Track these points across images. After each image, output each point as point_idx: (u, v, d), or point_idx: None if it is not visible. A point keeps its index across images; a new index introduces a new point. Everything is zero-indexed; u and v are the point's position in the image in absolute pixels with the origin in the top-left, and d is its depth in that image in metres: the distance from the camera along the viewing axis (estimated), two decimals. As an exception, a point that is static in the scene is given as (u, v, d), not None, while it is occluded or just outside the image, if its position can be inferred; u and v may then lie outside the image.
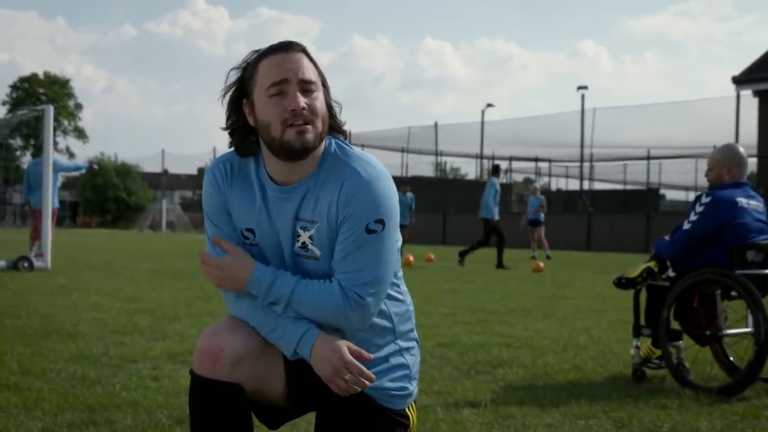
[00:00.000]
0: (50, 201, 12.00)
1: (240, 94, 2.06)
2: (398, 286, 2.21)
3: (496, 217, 14.98)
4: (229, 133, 2.10)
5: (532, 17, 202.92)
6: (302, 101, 1.97)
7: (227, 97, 2.08)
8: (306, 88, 1.98)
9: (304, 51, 2.04)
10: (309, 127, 1.97)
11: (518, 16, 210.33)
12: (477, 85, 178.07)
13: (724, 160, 4.33)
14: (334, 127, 2.10)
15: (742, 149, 4.44)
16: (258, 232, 2.10)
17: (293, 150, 1.98)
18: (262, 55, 2.03)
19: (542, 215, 18.74)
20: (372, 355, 2.04)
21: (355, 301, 2.00)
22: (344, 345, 1.99)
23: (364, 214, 1.98)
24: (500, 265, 14.47)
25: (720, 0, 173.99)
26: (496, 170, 16.22)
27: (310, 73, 2.00)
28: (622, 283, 4.47)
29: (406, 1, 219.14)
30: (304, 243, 2.06)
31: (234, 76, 2.08)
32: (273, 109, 1.98)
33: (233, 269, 2.05)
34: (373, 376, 2.00)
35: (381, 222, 1.99)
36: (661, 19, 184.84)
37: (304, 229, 2.05)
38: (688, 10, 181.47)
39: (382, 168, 2.06)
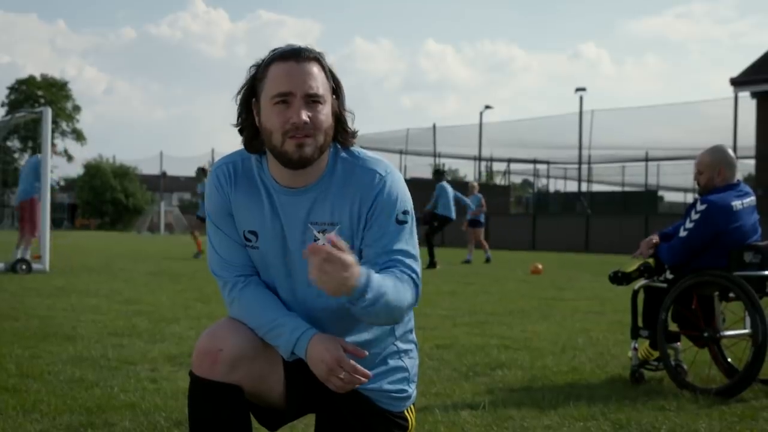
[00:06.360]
0: (48, 202, 12.00)
1: (251, 93, 2.06)
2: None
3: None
4: (239, 131, 2.11)
5: (534, 19, 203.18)
6: (305, 115, 1.96)
7: (242, 95, 2.08)
8: (311, 100, 1.98)
9: (317, 59, 2.02)
10: (309, 140, 1.97)
11: (520, 18, 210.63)
12: (478, 88, 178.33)
13: (714, 162, 4.31)
14: (344, 138, 2.09)
15: (731, 150, 4.43)
16: (262, 235, 2.10)
17: (291, 161, 1.99)
18: (273, 58, 2.02)
19: (482, 216, 17.70)
20: (367, 353, 2.05)
21: (414, 280, 2.05)
22: (339, 343, 1.99)
23: (392, 208, 2.05)
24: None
25: (721, 2, 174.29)
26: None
27: (317, 86, 1.99)
28: (618, 277, 4.47)
29: (408, 4, 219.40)
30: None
31: (249, 74, 2.07)
32: (276, 118, 1.98)
33: (351, 266, 1.83)
34: (369, 372, 2.01)
35: (407, 212, 2.08)
36: (662, 20, 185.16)
37: (324, 232, 2.05)
38: (689, 12, 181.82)
39: (391, 165, 2.11)
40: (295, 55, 2.00)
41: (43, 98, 61.22)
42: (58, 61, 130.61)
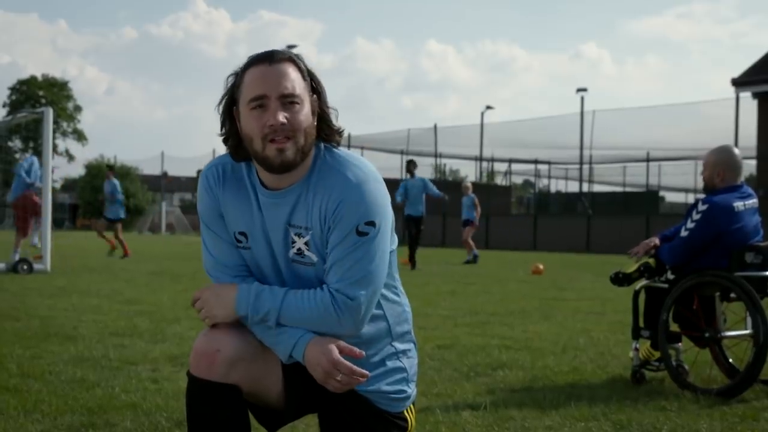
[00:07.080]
0: (49, 203, 12.02)
1: (232, 101, 2.06)
2: (395, 287, 2.21)
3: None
4: (224, 140, 2.10)
5: (535, 19, 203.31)
6: (281, 116, 1.95)
7: (223, 104, 2.08)
8: (288, 101, 1.97)
9: (290, 60, 2.01)
10: (289, 143, 1.96)
11: (521, 18, 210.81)
12: (479, 88, 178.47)
13: (717, 163, 4.30)
14: (329, 135, 2.08)
15: (737, 151, 4.40)
16: (251, 236, 2.10)
17: (273, 166, 1.99)
18: (248, 64, 2.02)
19: (475, 215, 17.48)
20: (364, 353, 2.03)
21: (345, 303, 1.99)
22: (334, 345, 1.99)
23: (354, 216, 1.98)
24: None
25: (721, 2, 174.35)
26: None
27: (292, 86, 1.98)
28: (619, 278, 4.47)
29: (409, 4, 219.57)
30: (299, 249, 2.06)
31: (228, 83, 2.07)
32: (254, 122, 1.98)
33: (219, 292, 2.06)
34: (367, 372, 2.01)
35: (372, 224, 2.00)
36: (663, 21, 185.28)
37: (299, 235, 2.05)
38: (690, 12, 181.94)
39: (372, 170, 2.05)
40: (268, 58, 2.00)
41: (44, 98, 61.34)
42: (59, 61, 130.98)
